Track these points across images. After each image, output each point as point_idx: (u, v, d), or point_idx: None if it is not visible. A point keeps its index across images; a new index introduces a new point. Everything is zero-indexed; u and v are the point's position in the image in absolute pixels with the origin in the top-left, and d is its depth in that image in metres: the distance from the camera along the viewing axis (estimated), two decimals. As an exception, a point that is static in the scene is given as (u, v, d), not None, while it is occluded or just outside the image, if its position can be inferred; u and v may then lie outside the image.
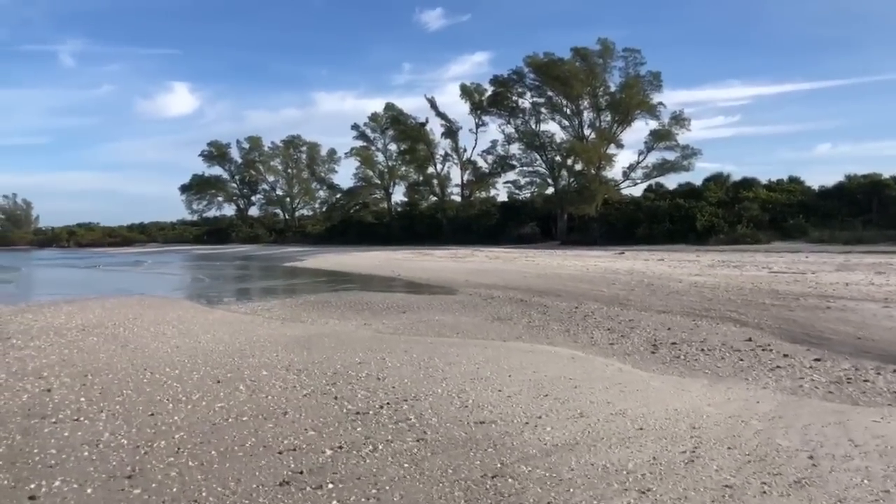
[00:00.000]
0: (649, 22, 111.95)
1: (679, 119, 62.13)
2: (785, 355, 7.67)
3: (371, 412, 5.15)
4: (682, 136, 61.45)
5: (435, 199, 75.78)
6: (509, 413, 5.07)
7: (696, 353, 8.10)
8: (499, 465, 3.94)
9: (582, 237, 56.95)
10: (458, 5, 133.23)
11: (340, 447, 4.32)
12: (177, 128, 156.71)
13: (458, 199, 73.80)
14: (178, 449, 4.34)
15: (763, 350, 8.08)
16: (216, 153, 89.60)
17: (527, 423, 4.81)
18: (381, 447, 4.31)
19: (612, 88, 63.51)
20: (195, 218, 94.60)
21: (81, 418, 5.08)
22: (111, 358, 7.69)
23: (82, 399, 5.68)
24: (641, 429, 4.66)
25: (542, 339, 9.37)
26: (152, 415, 5.16)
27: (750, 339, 8.82)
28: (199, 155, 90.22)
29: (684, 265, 24.72)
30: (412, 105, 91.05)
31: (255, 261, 45.02)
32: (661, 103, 62.22)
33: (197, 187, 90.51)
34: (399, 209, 79.78)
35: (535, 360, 7.37)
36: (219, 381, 6.31)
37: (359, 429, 4.72)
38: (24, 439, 4.57)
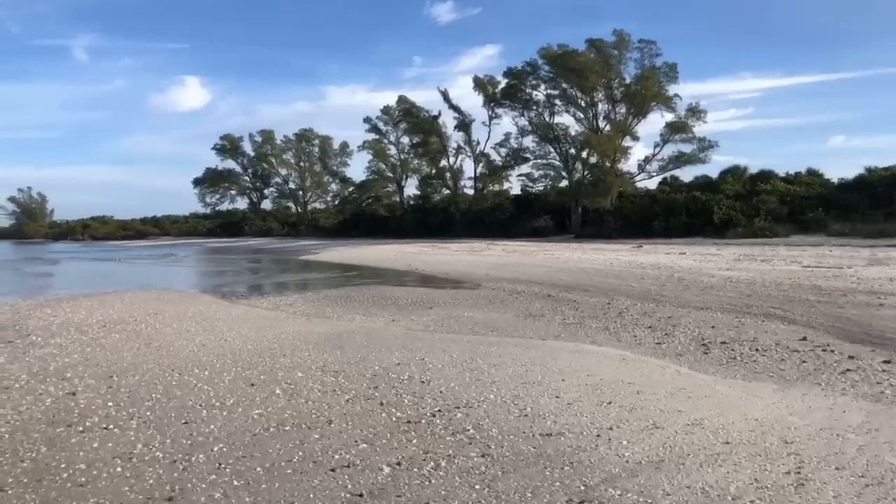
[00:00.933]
0: (659, 15, 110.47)
1: (695, 111, 61.18)
2: (850, 357, 7.17)
3: (423, 421, 4.72)
4: (697, 129, 60.67)
5: (447, 192, 75.23)
6: (575, 423, 4.63)
7: (752, 353, 7.62)
8: (582, 488, 3.50)
9: (597, 230, 56.27)
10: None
11: (398, 463, 3.90)
12: (189, 122, 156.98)
13: (470, 192, 73.25)
14: (220, 464, 3.93)
15: (823, 351, 7.58)
16: (229, 146, 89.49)
17: (598, 435, 4.37)
18: (443, 464, 3.88)
19: (628, 80, 62.73)
20: (208, 211, 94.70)
21: (111, 426, 4.69)
22: (136, 357, 7.31)
23: (110, 404, 5.29)
24: (728, 443, 4.20)
25: (582, 338, 8.91)
26: (186, 423, 4.76)
27: (805, 339, 8.32)
28: (212, 148, 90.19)
29: (709, 259, 24.16)
30: (423, 98, 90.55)
31: (270, 254, 44.76)
32: (677, 95, 61.33)
33: (210, 181, 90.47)
34: (411, 202, 79.33)
35: (584, 361, 6.92)
36: (253, 384, 5.91)
37: (414, 441, 4.30)
38: (49, 452, 4.19)
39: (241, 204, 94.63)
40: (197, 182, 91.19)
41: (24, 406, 5.24)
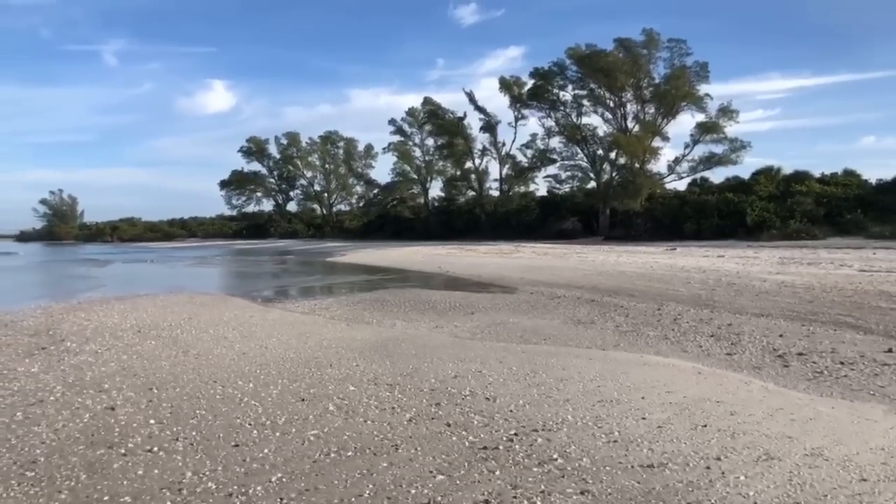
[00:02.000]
0: (684, 14, 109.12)
1: (727, 111, 59.94)
2: (952, 372, 6.50)
3: (500, 447, 4.20)
4: (728, 129, 59.36)
5: (473, 194, 74.77)
6: (675, 452, 4.06)
7: (837, 366, 6.97)
8: (714, 538, 2.95)
9: (625, 232, 55.32)
10: (492, 0, 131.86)
11: (486, 502, 3.37)
12: (215, 124, 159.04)
13: (496, 193, 72.69)
14: (281, 499, 3.45)
15: (917, 365, 6.91)
16: (255, 149, 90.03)
17: (707, 467, 3.80)
18: (538, 503, 3.35)
19: (657, 80, 61.71)
20: (234, 213, 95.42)
21: (155, 448, 4.24)
22: (174, 367, 6.89)
23: (152, 422, 4.85)
24: (864, 480, 3.62)
25: (643, 348, 8.32)
26: (237, 446, 4.29)
27: (891, 350, 7.64)
28: (239, 151, 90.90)
29: (751, 262, 23.30)
30: (446, 101, 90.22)
31: (296, 256, 44.58)
32: (707, 95, 60.17)
33: (236, 183, 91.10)
34: (436, 204, 78.98)
35: (656, 375, 6.34)
36: (303, 400, 5.44)
37: (497, 473, 3.77)
38: (90, 480, 3.74)
39: (267, 206, 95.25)
40: (223, 184, 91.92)
41: (60, 423, 4.82)
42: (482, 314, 11.76)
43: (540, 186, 70.25)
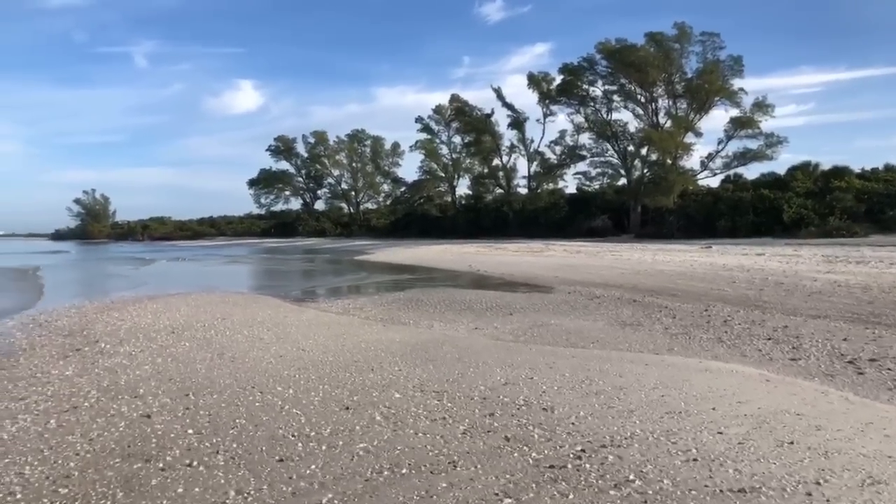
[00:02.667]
0: (713, 9, 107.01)
1: (762, 106, 58.51)
2: None
3: (568, 465, 3.81)
4: (763, 124, 57.88)
5: (500, 191, 74.20)
6: (767, 474, 3.64)
7: (917, 374, 6.44)
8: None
9: (657, 230, 54.29)
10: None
11: (564, 532, 3.00)
12: (243, 124, 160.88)
13: (524, 191, 72.04)
14: (335, 525, 3.12)
15: None
16: (283, 148, 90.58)
17: (808, 493, 3.38)
18: (624, 534, 2.97)
19: (689, 74, 60.46)
20: (262, 212, 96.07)
21: (195, 462, 3.94)
22: (210, 370, 6.63)
23: (190, 431, 4.56)
24: None
25: (699, 352, 7.85)
26: (282, 461, 3.97)
27: (973, 357, 7.08)
28: (267, 150, 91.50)
29: (795, 261, 22.48)
30: (472, 98, 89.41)
31: (325, 254, 44.60)
32: (742, 89, 58.77)
33: (264, 181, 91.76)
34: (463, 202, 78.56)
35: (722, 382, 5.89)
36: (347, 408, 5.11)
37: (570, 496, 3.39)
38: (127, 498, 3.45)
39: (295, 205, 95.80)
40: (252, 183, 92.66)
41: (95, 432, 4.56)
42: (521, 315, 11.37)
43: (569, 184, 69.43)
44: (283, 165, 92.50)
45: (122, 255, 46.42)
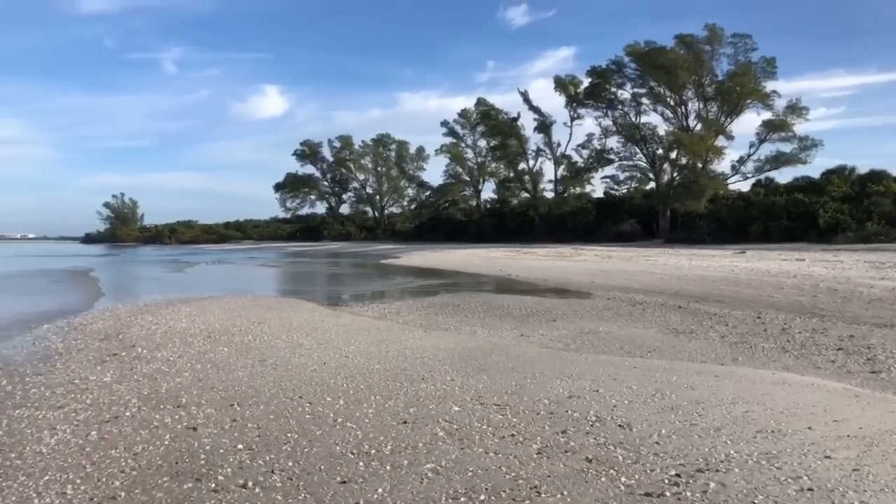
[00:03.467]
0: (739, 12, 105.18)
1: (796, 108, 57.31)
2: None
3: (666, 493, 3.39)
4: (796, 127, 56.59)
5: (526, 195, 73.64)
6: (900, 508, 3.18)
7: None
8: None
9: (687, 235, 53.32)
10: (542, 1, 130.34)
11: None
12: (268, 129, 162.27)
13: (550, 195, 71.37)
14: (417, 563, 2.73)
15: None
16: (309, 152, 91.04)
17: (959, 534, 2.91)
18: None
19: (720, 77, 59.44)
20: (288, 215, 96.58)
21: (249, 483, 3.59)
22: (253, 378, 6.31)
23: (240, 446, 4.22)
24: None
25: (766, 363, 7.35)
26: (344, 483, 3.60)
27: None
28: (293, 154, 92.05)
29: (839, 267, 21.66)
30: (497, 102, 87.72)
31: (352, 258, 44.50)
32: (774, 92, 57.61)
33: (290, 185, 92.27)
34: (489, 206, 78.13)
35: (806, 397, 5.41)
36: (405, 422, 4.74)
37: (679, 532, 2.96)
38: (180, 525, 3.10)
39: (320, 209, 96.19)
40: (278, 187, 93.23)
41: (139, 446, 4.24)
42: (565, 321, 10.93)
43: (596, 188, 68.61)
44: (309, 170, 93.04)
45: (155, 259, 46.82)
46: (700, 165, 58.05)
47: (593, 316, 11.68)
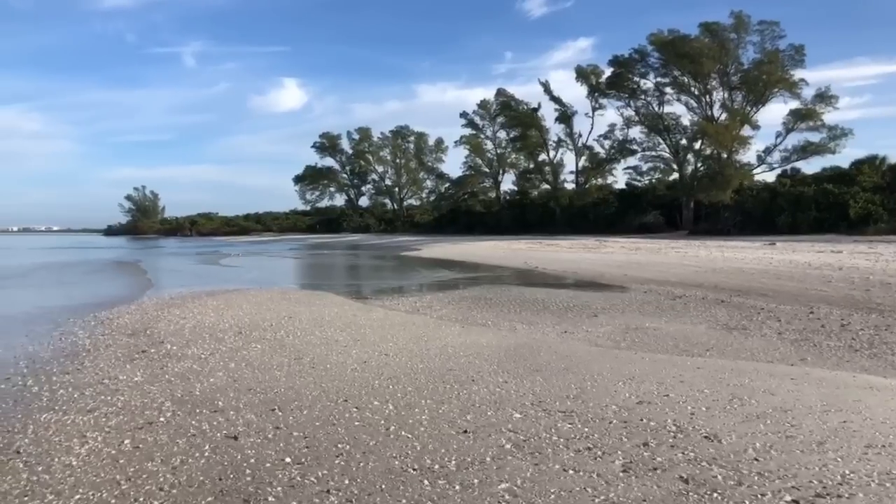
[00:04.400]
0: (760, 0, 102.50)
1: (824, 97, 55.80)
2: None
3: (787, 524, 2.91)
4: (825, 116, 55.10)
5: (547, 187, 72.82)
6: None
7: None
8: None
9: (711, 227, 52.33)
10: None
11: None
12: (287, 122, 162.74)
13: (571, 186, 70.49)
14: None
15: None
16: (328, 144, 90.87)
17: None
18: None
19: (746, 65, 58.05)
20: (307, 208, 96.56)
21: (304, 506, 3.17)
22: (291, 378, 5.91)
23: (287, 460, 3.81)
24: None
25: (839, 364, 6.81)
26: (412, 506, 3.17)
27: None
28: (312, 146, 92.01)
29: (882, 259, 20.86)
30: (514, 94, 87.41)
31: (372, 250, 44.20)
32: (802, 80, 56.14)
33: (310, 178, 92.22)
34: (508, 198, 77.42)
35: (903, 405, 4.89)
36: (465, 432, 4.30)
37: (823, 577, 2.49)
38: (232, 560, 2.69)
39: (339, 201, 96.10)
40: (297, 179, 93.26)
41: (177, 457, 3.84)
42: (607, 316, 10.44)
43: (618, 179, 67.60)
44: (328, 162, 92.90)
45: (182, 251, 46.90)
46: (725, 156, 56.87)
47: (634, 310, 11.17)
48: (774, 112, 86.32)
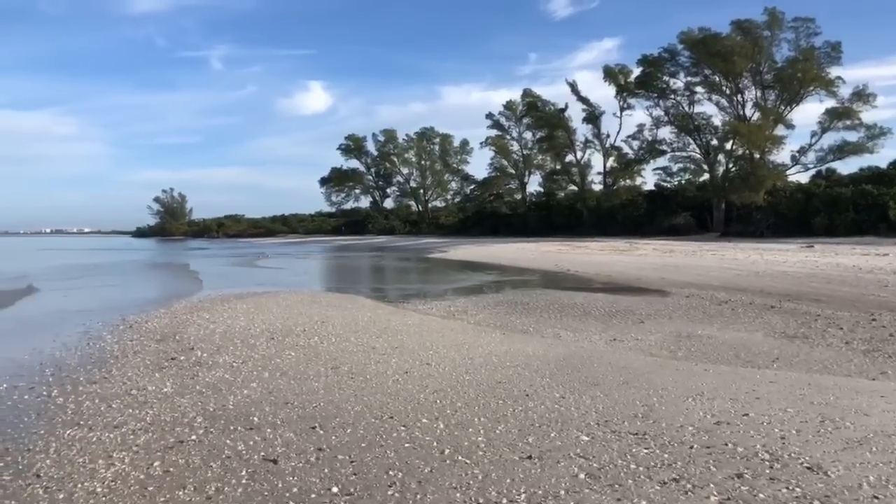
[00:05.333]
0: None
1: (862, 95, 54.18)
2: None
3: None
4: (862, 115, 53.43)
5: (573, 188, 71.86)
6: None
7: None
8: None
9: (743, 228, 51.02)
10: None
11: None
12: (312, 124, 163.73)
13: (599, 187, 69.45)
14: None
15: None
16: (353, 146, 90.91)
17: None
18: None
19: (779, 63, 56.61)
20: (333, 209, 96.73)
21: (359, 550, 2.73)
22: (330, 391, 5.50)
23: (335, 490, 3.38)
24: None
25: (923, 378, 6.21)
26: (485, 552, 2.71)
27: None
28: (338, 148, 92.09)
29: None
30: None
31: (399, 252, 43.92)
32: (839, 77, 54.56)
33: (336, 180, 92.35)
34: (534, 199, 76.58)
35: None
36: (530, 457, 3.83)
37: None
38: None
39: (364, 203, 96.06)
40: (323, 181, 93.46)
41: (212, 485, 3.44)
42: (653, 323, 9.89)
43: (647, 180, 66.43)
44: (354, 164, 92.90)
45: (212, 253, 47.12)
46: (758, 156, 55.52)
47: (681, 316, 10.61)
48: (809, 111, 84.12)
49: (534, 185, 77.89)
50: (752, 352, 7.55)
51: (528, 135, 75.25)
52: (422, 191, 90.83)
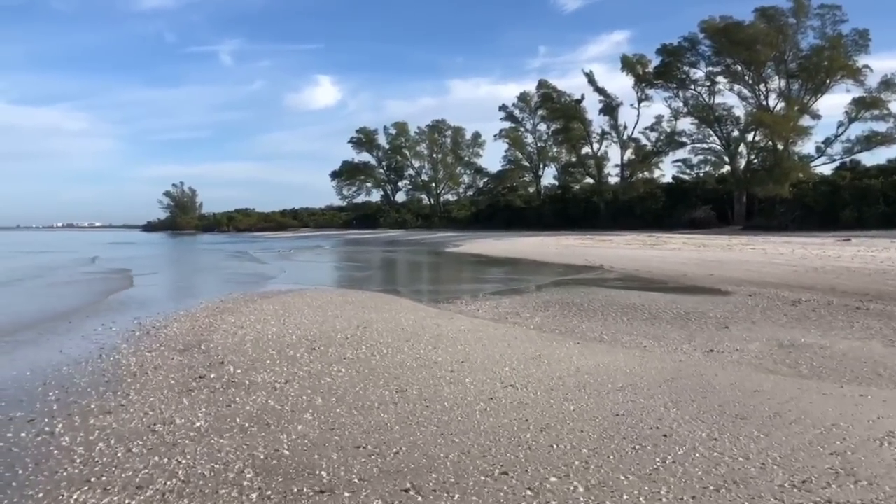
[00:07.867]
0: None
1: (891, 84, 52.46)
2: None
3: None
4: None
5: (590, 181, 70.49)
6: None
7: None
8: None
9: (766, 221, 49.53)
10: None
11: None
12: (322, 119, 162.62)
13: (616, 180, 68.06)
14: None
15: None
16: (364, 140, 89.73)
17: None
18: None
19: (805, 52, 54.92)
20: (344, 203, 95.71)
21: None
22: (406, 425, 4.31)
23: None
24: None
25: None
26: None
27: None
28: (349, 141, 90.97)
29: None
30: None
31: (412, 246, 42.77)
32: (867, 66, 52.87)
33: (347, 173, 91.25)
34: (549, 192, 75.22)
35: None
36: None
37: None
38: None
39: (376, 196, 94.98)
40: (334, 175, 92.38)
41: None
42: (740, 328, 8.69)
43: (665, 172, 64.94)
44: (365, 157, 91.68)
45: (225, 248, 46.13)
46: (782, 147, 53.94)
47: (764, 320, 9.40)
48: (834, 101, 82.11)
49: (548, 177, 76.63)
50: (887, 366, 6.33)
51: (542, 126, 73.94)
52: (433, 184, 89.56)
